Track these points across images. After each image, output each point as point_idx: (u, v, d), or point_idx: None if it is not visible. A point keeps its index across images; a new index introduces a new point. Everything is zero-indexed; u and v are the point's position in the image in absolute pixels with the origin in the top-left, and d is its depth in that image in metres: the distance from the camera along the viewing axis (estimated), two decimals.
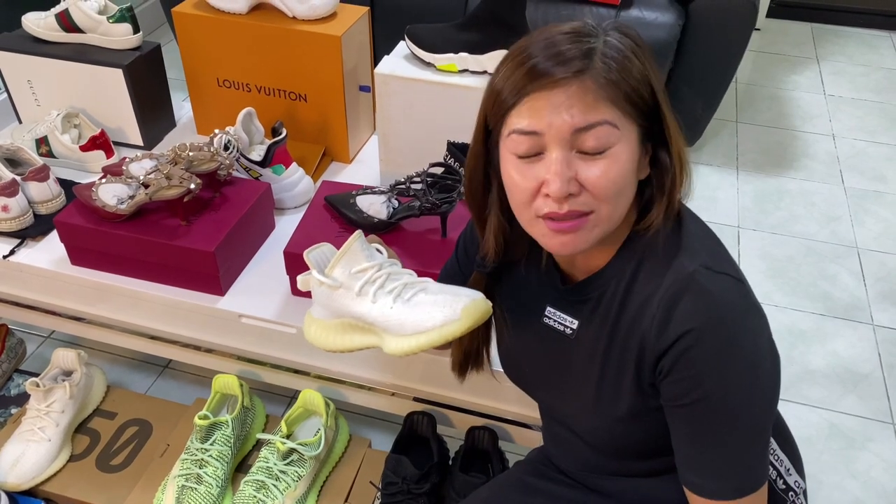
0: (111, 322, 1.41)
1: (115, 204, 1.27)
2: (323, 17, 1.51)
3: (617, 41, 0.74)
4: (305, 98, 1.58)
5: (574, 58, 0.72)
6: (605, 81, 0.72)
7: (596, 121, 0.72)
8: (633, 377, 0.83)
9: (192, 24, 1.56)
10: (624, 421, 0.87)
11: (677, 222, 0.82)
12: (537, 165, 0.75)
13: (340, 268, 0.86)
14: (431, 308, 0.83)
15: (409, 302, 0.84)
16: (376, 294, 0.85)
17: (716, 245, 0.83)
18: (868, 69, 3.12)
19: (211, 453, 1.26)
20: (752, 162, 2.55)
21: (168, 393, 1.68)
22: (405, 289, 0.86)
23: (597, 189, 0.74)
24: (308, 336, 0.94)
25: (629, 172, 0.76)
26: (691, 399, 0.77)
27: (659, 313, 0.78)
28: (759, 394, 0.78)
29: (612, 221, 0.78)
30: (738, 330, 0.77)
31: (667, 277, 0.78)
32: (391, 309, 0.84)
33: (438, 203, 1.23)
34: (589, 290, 0.86)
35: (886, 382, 1.77)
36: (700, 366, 0.76)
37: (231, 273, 1.33)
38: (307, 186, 1.51)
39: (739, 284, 0.79)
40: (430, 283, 0.88)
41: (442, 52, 1.40)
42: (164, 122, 1.73)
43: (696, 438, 0.80)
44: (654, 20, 2.14)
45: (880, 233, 2.25)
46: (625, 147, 0.74)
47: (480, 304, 0.84)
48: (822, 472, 1.58)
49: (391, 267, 0.88)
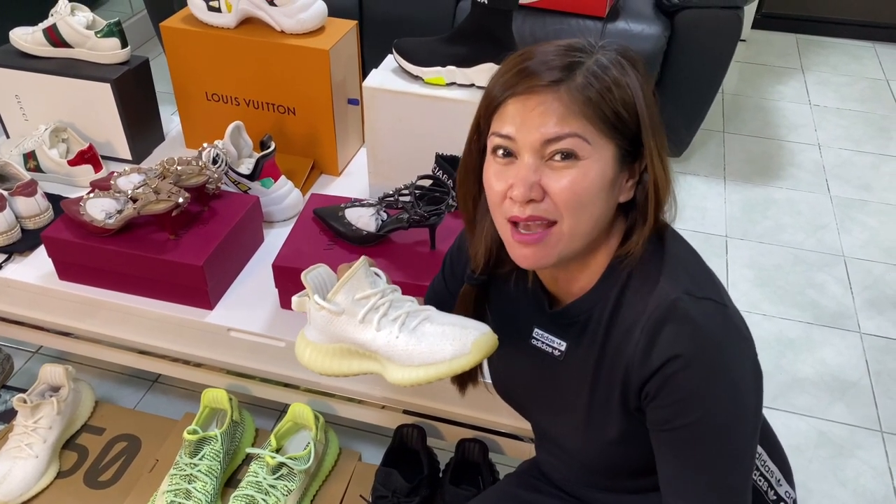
0: (99, 337, 1.41)
1: (104, 218, 1.27)
2: (311, 31, 1.51)
3: (608, 61, 0.75)
4: (294, 111, 1.58)
5: (556, 68, 0.74)
6: (581, 96, 0.73)
7: (565, 133, 0.73)
8: (621, 401, 0.83)
9: (180, 39, 1.56)
10: (615, 443, 0.87)
11: (660, 246, 0.82)
12: (511, 168, 0.77)
13: (343, 293, 0.84)
14: (440, 340, 0.82)
15: (414, 331, 0.83)
16: (381, 322, 0.83)
17: (699, 268, 0.83)
18: (852, 79, 3.15)
19: (200, 468, 1.25)
20: (740, 172, 2.57)
21: (157, 407, 1.67)
22: (409, 317, 0.84)
23: (559, 198, 0.75)
24: (302, 360, 0.91)
25: (597, 189, 0.75)
26: (676, 424, 0.77)
27: (642, 340, 0.77)
28: (744, 418, 0.78)
29: (577, 237, 0.77)
30: (722, 355, 0.77)
31: (649, 304, 0.78)
32: (397, 338, 0.83)
33: (427, 215, 1.24)
34: (575, 314, 0.86)
35: (874, 390, 1.79)
36: (684, 392, 0.76)
37: (220, 287, 1.32)
38: (296, 199, 1.51)
39: (722, 309, 0.79)
40: (432, 311, 0.86)
41: (430, 65, 1.41)
42: (152, 136, 1.73)
43: (680, 463, 0.80)
44: (641, 32, 2.16)
45: (866, 241, 2.27)
46: (595, 163, 0.74)
47: (490, 337, 0.83)
48: (811, 480, 1.59)
49: (393, 294, 0.86)
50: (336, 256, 1.27)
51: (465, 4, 2.30)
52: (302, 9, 1.48)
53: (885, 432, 1.69)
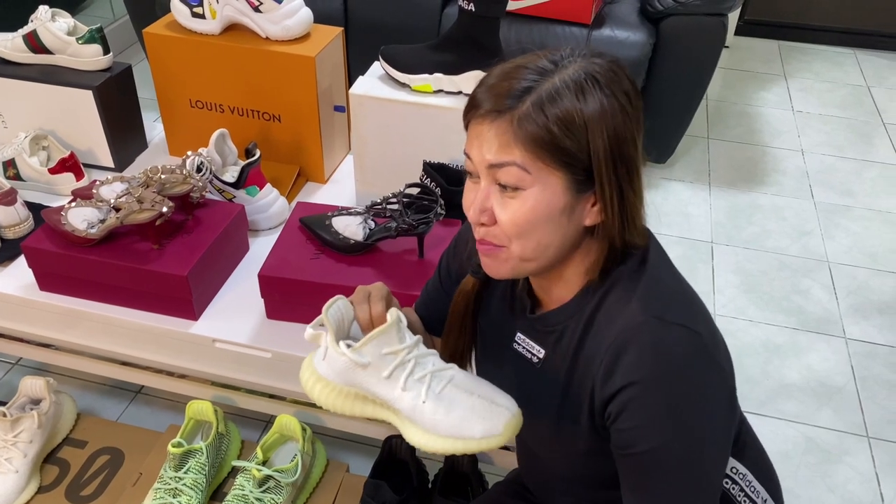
0: (81, 348, 1.38)
1: (85, 228, 1.25)
2: (297, 38, 1.50)
3: (570, 84, 0.71)
4: (279, 119, 1.57)
5: (505, 95, 0.72)
6: (521, 131, 0.71)
7: (504, 161, 0.73)
8: (588, 417, 0.82)
9: (163, 45, 1.54)
10: (584, 455, 0.86)
11: (642, 265, 0.80)
12: (475, 187, 0.78)
13: (373, 346, 0.80)
14: (470, 415, 0.79)
15: (441, 398, 0.80)
16: (407, 381, 0.80)
17: (678, 291, 0.81)
18: (834, 85, 3.19)
19: (185, 482, 1.23)
20: (724, 178, 2.58)
21: (141, 419, 1.64)
22: (434, 379, 0.81)
23: (503, 226, 0.76)
24: (310, 394, 0.85)
25: (543, 217, 0.74)
26: (635, 450, 0.76)
27: (606, 361, 0.76)
28: (706, 450, 0.76)
29: (529, 260, 0.78)
30: (685, 384, 0.74)
31: (617, 325, 0.77)
32: (424, 403, 0.79)
33: (415, 224, 1.23)
34: (553, 322, 0.85)
35: (860, 395, 1.79)
36: (643, 419, 0.74)
37: (205, 297, 1.30)
38: (282, 207, 1.49)
39: (694, 336, 0.76)
40: (455, 371, 0.83)
41: (417, 72, 1.41)
42: (135, 143, 1.70)
43: (639, 488, 0.78)
44: (626, 39, 2.17)
45: (850, 246, 2.28)
46: (540, 192, 0.73)
47: (518, 418, 0.80)
48: (799, 486, 1.59)
49: (417, 348, 0.82)
50: (323, 266, 1.25)
51: (450, 11, 2.30)
52: (287, 15, 1.47)
53: (872, 437, 1.70)
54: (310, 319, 1.24)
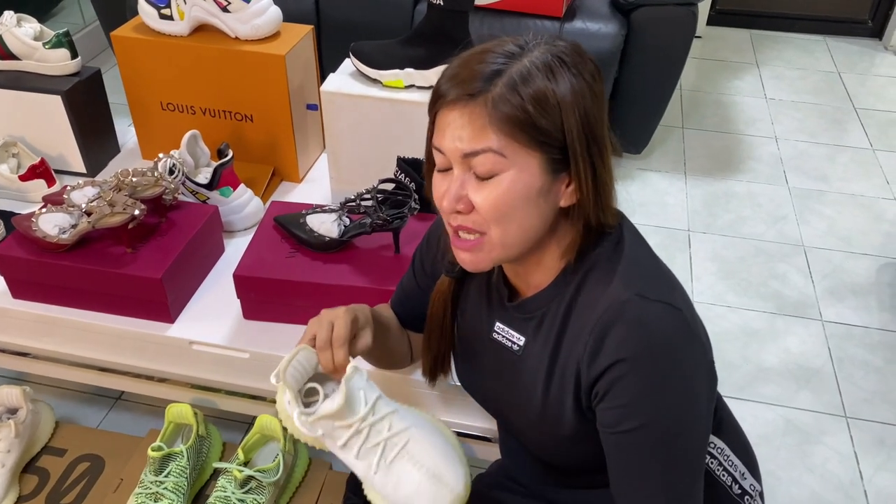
0: (57, 356, 1.37)
1: (57, 234, 1.24)
2: (266, 37, 1.49)
3: (539, 66, 0.71)
4: (252, 118, 1.56)
5: (476, 78, 0.72)
6: (494, 111, 0.71)
7: (480, 148, 0.73)
8: (574, 400, 0.82)
9: (132, 48, 1.53)
10: (569, 440, 0.86)
11: (619, 246, 0.81)
12: (446, 178, 0.78)
13: (325, 422, 0.83)
14: (415, 497, 0.83)
15: (391, 470, 0.84)
16: (360, 450, 0.83)
17: (655, 269, 0.82)
18: (805, 72, 3.22)
19: (166, 486, 1.22)
20: (700, 167, 2.60)
21: (121, 425, 1.63)
22: (387, 446, 0.84)
23: (482, 212, 0.76)
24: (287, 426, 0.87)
25: (521, 200, 0.75)
26: (624, 428, 0.76)
27: (591, 340, 0.77)
28: (693, 423, 0.77)
29: (508, 245, 0.78)
30: (670, 360, 0.75)
31: (600, 304, 0.77)
32: (375, 474, 0.84)
33: (390, 219, 1.23)
34: (532, 308, 0.86)
35: (837, 376, 1.82)
36: (630, 396, 0.75)
37: (180, 299, 1.30)
38: (256, 207, 1.49)
39: (675, 312, 0.77)
40: (412, 434, 0.85)
41: (388, 68, 1.41)
42: (107, 148, 1.69)
43: (627, 466, 0.79)
44: (598, 31, 2.18)
45: (825, 231, 2.31)
46: (517, 175, 0.73)
47: (462, 498, 0.84)
48: (779, 468, 1.61)
49: (373, 414, 0.84)
50: (299, 264, 1.25)
51: (422, 7, 2.30)
52: (256, 14, 1.46)
53: (850, 417, 1.72)
54: (287, 319, 1.24)
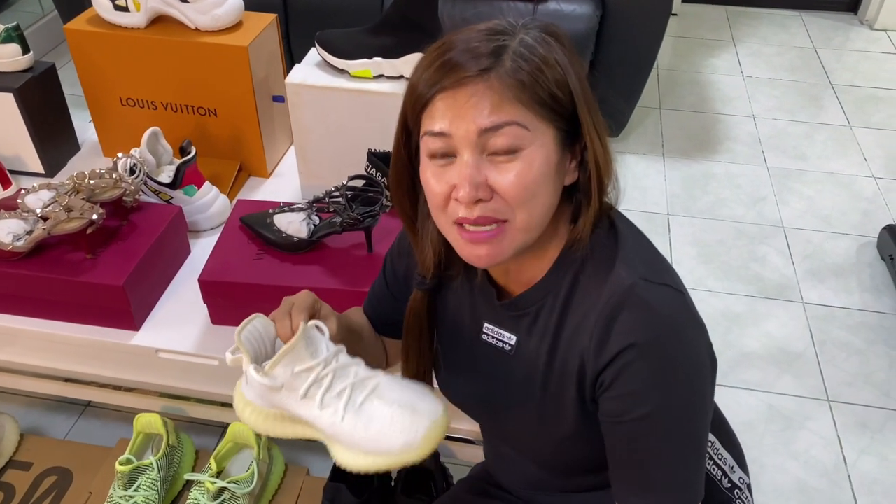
0: (19, 367, 1.31)
1: (11, 241, 1.18)
2: (227, 28, 1.43)
3: (534, 40, 0.71)
4: (215, 112, 1.50)
5: (483, 55, 0.69)
6: (513, 81, 0.69)
7: (502, 121, 0.69)
8: (576, 393, 0.79)
9: (87, 42, 1.46)
10: (569, 439, 0.83)
11: (612, 231, 0.79)
12: (451, 168, 0.72)
13: (282, 367, 0.76)
14: (389, 428, 0.75)
15: (360, 411, 0.76)
16: (324, 398, 0.76)
17: (652, 253, 0.80)
18: (781, 49, 3.19)
19: (136, 500, 1.18)
20: (678, 148, 2.58)
21: (91, 434, 1.57)
22: (355, 390, 0.77)
23: (509, 195, 0.71)
24: (241, 417, 0.82)
25: (544, 176, 0.72)
26: (632, 416, 0.74)
27: (598, 328, 0.74)
28: (700, 407, 0.76)
29: (531, 230, 0.74)
30: (680, 344, 0.74)
31: (605, 291, 0.74)
32: (342, 420, 0.76)
33: (361, 217, 1.18)
34: (526, 305, 0.82)
35: (819, 359, 1.81)
36: (641, 383, 0.73)
37: (145, 306, 1.25)
38: (223, 206, 1.43)
39: (679, 295, 0.76)
40: (380, 378, 0.78)
41: (355, 57, 1.35)
42: (66, 146, 1.62)
43: (634, 456, 0.77)
44: (573, 12, 2.13)
45: (804, 210, 2.29)
46: (538, 150, 0.71)
47: (441, 424, 0.76)
48: (764, 455, 1.59)
49: (337, 359, 0.78)
50: (267, 266, 1.20)
51: None
52: (216, 4, 1.40)
53: (832, 401, 1.71)
54: None
